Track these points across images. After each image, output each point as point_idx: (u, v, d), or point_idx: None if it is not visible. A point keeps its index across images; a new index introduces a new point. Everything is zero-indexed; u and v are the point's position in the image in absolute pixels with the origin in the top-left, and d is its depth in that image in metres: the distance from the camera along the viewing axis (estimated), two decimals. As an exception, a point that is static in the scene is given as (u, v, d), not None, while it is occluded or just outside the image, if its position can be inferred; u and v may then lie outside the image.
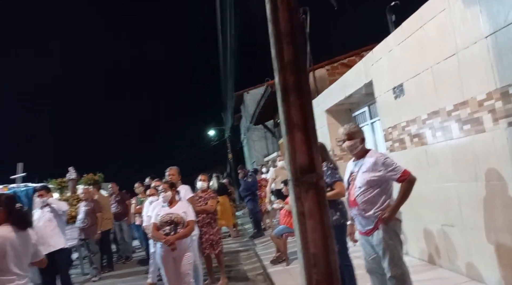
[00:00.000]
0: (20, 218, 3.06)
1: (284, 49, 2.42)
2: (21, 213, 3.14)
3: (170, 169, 5.79)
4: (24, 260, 3.02)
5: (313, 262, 2.30)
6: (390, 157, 3.32)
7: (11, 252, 2.89)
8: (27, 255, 3.06)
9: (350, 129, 3.35)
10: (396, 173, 3.14)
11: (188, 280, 4.35)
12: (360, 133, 3.36)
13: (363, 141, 3.35)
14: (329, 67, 9.27)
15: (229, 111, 23.17)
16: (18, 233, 2.97)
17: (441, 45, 3.90)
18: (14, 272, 2.89)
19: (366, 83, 5.67)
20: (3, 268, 2.86)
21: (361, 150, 3.35)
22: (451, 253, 4.25)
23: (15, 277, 2.90)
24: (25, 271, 3.02)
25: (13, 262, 2.89)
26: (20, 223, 3.04)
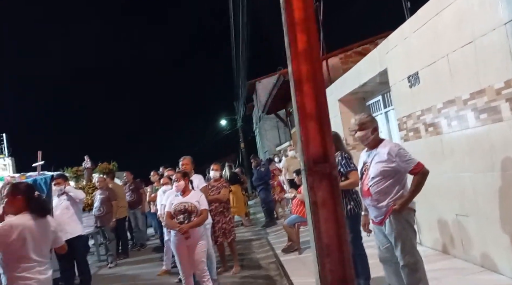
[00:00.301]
0: (38, 206, 3.11)
1: (298, 37, 2.40)
2: (40, 201, 3.19)
3: (184, 158, 5.84)
4: (44, 247, 3.08)
5: (326, 251, 2.32)
6: (403, 147, 3.27)
7: (30, 240, 2.94)
8: (47, 242, 3.12)
9: (361, 120, 3.32)
10: (410, 165, 3.12)
11: (202, 267, 4.42)
12: (371, 123, 3.31)
13: (375, 131, 3.31)
14: (343, 55, 9.16)
15: (241, 100, 23.17)
16: (37, 220, 3.03)
17: (457, 32, 3.82)
18: (34, 259, 2.96)
19: (381, 72, 5.60)
20: (24, 255, 2.92)
21: (373, 140, 3.31)
22: (466, 243, 4.22)
23: (35, 263, 2.96)
24: (45, 258, 3.08)
25: (32, 249, 2.95)
26: (39, 211, 3.09)
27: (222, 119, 31.15)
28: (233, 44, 16.74)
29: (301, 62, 2.39)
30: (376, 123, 3.36)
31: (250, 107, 25.69)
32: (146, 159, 33.95)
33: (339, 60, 9.14)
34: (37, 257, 2.97)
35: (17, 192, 3.07)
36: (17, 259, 2.91)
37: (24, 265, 2.91)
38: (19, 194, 3.06)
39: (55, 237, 3.22)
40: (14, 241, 2.87)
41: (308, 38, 2.40)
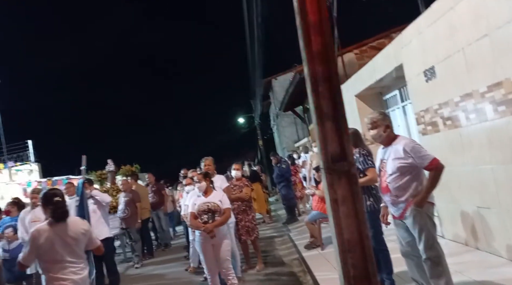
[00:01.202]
0: (55, 212, 3.25)
1: (312, 40, 2.47)
2: (56, 207, 3.28)
3: (206, 159, 5.97)
4: (76, 248, 3.24)
5: (347, 247, 2.40)
6: (418, 143, 3.30)
7: (59, 243, 3.15)
8: (78, 244, 3.27)
9: (372, 119, 3.36)
10: (424, 161, 3.14)
11: (227, 265, 4.54)
12: (383, 121, 3.33)
13: (387, 128, 3.33)
14: (358, 50, 9.14)
15: (258, 98, 23.25)
16: (58, 224, 3.21)
17: (473, 26, 3.82)
18: (66, 260, 3.16)
19: (397, 67, 5.61)
20: (55, 257, 3.14)
21: (387, 138, 3.35)
22: (488, 235, 4.22)
23: (68, 264, 3.16)
24: (79, 258, 3.25)
25: (62, 251, 3.15)
26: (56, 216, 3.24)
27: (240, 117, 31.34)
28: (248, 42, 16.84)
29: (316, 64, 2.46)
30: (388, 120, 3.38)
31: (267, 104, 25.76)
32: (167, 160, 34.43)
33: (355, 55, 9.12)
34: (69, 258, 3.16)
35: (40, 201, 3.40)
36: (50, 261, 3.14)
37: (58, 266, 3.12)
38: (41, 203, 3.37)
39: (88, 239, 3.38)
40: (42, 244, 3.10)
41: (323, 40, 2.47)
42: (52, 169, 16.45)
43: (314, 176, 8.43)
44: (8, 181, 12.65)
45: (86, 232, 3.36)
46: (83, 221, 3.54)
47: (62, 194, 3.46)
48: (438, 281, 3.14)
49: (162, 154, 44.47)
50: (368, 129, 3.43)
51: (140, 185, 9.75)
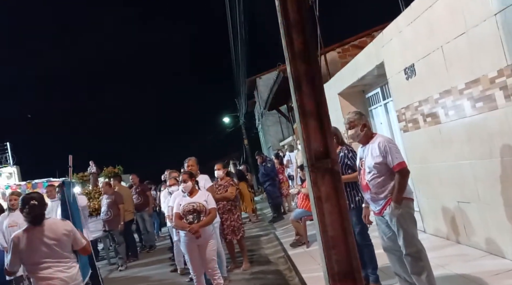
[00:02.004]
0: (28, 216, 3.27)
1: (294, 39, 2.51)
2: (29, 211, 3.27)
3: (189, 159, 5.93)
4: (59, 249, 3.26)
5: (332, 243, 2.43)
6: (394, 143, 3.32)
7: (40, 246, 3.18)
8: (61, 245, 3.28)
9: (349, 118, 3.43)
10: (393, 161, 3.19)
11: (213, 265, 4.53)
12: (359, 120, 3.38)
13: (364, 127, 3.38)
14: (340, 49, 9.22)
15: (242, 98, 23.25)
16: (36, 228, 3.24)
17: (450, 24, 3.90)
18: (50, 261, 3.20)
19: (378, 65, 5.68)
20: (38, 260, 3.18)
21: (365, 136, 3.40)
22: (469, 229, 4.32)
23: (54, 264, 3.21)
24: (63, 258, 3.28)
25: (45, 253, 3.19)
26: (30, 220, 3.27)
27: (225, 117, 31.26)
28: (231, 41, 16.81)
29: (298, 63, 2.49)
30: (364, 119, 3.42)
31: (252, 103, 25.77)
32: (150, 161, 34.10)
33: (337, 54, 9.20)
34: (52, 259, 3.21)
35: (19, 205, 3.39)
36: (33, 263, 3.19)
37: (42, 266, 3.18)
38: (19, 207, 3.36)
39: (73, 239, 3.38)
40: (23, 249, 3.17)
41: (304, 39, 2.50)
42: (32, 172, 16.14)
43: (299, 174, 8.49)
44: (-14, 184, 12.34)
45: (69, 233, 3.35)
46: (65, 221, 3.51)
47: (40, 197, 3.42)
48: (419, 276, 3.19)
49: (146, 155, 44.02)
50: (346, 129, 3.48)
51: (123, 187, 9.63)
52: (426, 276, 3.19)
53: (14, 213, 5.64)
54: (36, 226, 3.25)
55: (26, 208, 3.25)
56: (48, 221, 3.33)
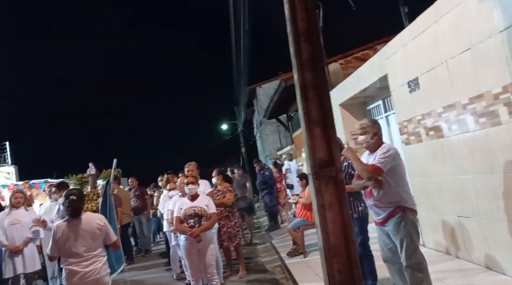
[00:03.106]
0: (67, 209, 3.64)
1: (302, 47, 2.53)
2: (68, 205, 3.63)
3: (189, 164, 5.94)
4: (91, 241, 3.58)
5: (334, 252, 2.43)
6: (392, 151, 3.31)
7: (72, 237, 3.51)
8: (94, 238, 3.61)
9: (362, 124, 3.47)
10: (376, 161, 3.23)
11: (212, 270, 4.51)
12: (371, 128, 3.43)
13: (375, 136, 3.42)
14: (343, 61, 9.29)
15: (242, 105, 23.29)
16: (72, 221, 3.58)
17: (455, 39, 3.94)
18: (79, 253, 3.51)
19: (381, 77, 5.72)
20: (70, 250, 3.50)
21: (374, 144, 3.43)
22: (468, 244, 4.32)
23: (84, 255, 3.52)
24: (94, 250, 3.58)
25: (77, 244, 3.51)
26: (69, 213, 3.63)
27: (223, 124, 31.31)
28: (233, 49, 16.90)
29: (306, 71, 2.51)
30: (377, 128, 3.46)
31: (251, 112, 25.82)
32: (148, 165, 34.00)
33: (340, 65, 9.27)
34: (84, 250, 3.53)
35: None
36: (67, 252, 3.53)
37: (74, 256, 3.50)
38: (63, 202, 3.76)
39: (105, 234, 3.70)
40: (60, 238, 3.51)
41: (313, 48, 2.52)
42: (30, 172, 16.06)
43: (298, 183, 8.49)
44: (-16, 183, 12.27)
45: (102, 227, 3.67)
46: (99, 216, 3.83)
47: (80, 193, 3.79)
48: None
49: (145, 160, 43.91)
50: (357, 134, 3.50)
51: (122, 190, 9.60)
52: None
53: (17, 211, 5.63)
54: (74, 219, 3.59)
55: (66, 202, 3.61)
56: (85, 215, 3.68)
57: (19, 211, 5.65)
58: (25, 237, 5.53)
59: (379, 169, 3.21)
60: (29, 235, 5.57)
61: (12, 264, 5.40)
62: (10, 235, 5.45)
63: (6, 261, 5.42)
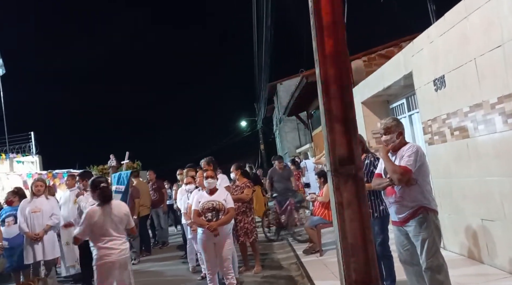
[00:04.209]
0: (100, 196, 3.94)
1: (326, 41, 2.46)
2: (101, 191, 3.97)
3: (206, 159, 5.93)
4: (120, 225, 3.96)
5: (351, 251, 2.37)
6: (419, 151, 3.21)
7: (107, 220, 3.85)
8: (122, 222, 3.98)
9: (386, 124, 3.37)
10: (401, 161, 3.17)
11: (228, 264, 4.51)
12: (397, 127, 3.34)
13: (400, 135, 3.34)
14: (366, 58, 9.10)
15: (262, 102, 23.26)
16: (104, 206, 3.91)
17: (486, 36, 3.80)
18: (113, 234, 3.87)
19: (406, 75, 5.58)
20: (104, 232, 3.84)
21: (399, 144, 3.35)
22: (491, 248, 4.18)
23: (114, 237, 3.87)
24: (122, 233, 3.99)
25: (110, 227, 3.86)
26: (101, 199, 3.94)
27: (243, 120, 31.37)
28: (255, 45, 16.87)
29: (328, 66, 2.45)
30: (401, 127, 3.38)
31: (271, 109, 25.76)
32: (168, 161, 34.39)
33: (363, 62, 9.09)
34: (114, 233, 3.88)
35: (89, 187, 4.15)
36: (100, 235, 3.84)
37: (106, 239, 3.84)
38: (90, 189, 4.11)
39: (128, 219, 4.06)
40: (95, 222, 3.82)
41: (336, 42, 2.45)
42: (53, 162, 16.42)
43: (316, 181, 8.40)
44: (9, 172, 12.61)
45: (127, 214, 4.08)
46: (125, 205, 4.26)
47: (106, 181, 4.21)
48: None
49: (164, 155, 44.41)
50: (380, 134, 3.42)
51: (141, 182, 9.71)
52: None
53: (38, 199, 5.75)
54: (106, 205, 3.91)
55: (98, 189, 3.94)
56: (114, 202, 4.03)
57: (40, 199, 5.77)
58: (45, 225, 5.65)
59: (409, 170, 3.13)
60: (49, 223, 5.69)
61: (32, 251, 5.54)
62: (30, 223, 5.58)
63: (27, 248, 5.56)
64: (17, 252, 5.80)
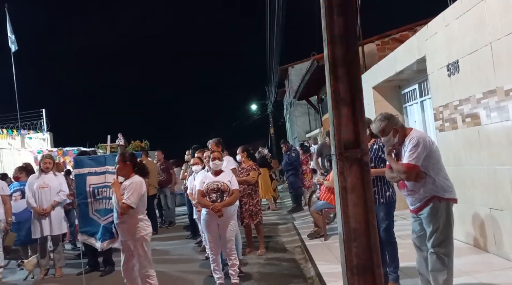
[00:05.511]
0: (142, 170, 4.07)
1: (335, 20, 2.37)
2: (142, 165, 4.14)
3: (213, 140, 5.90)
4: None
5: (353, 236, 2.33)
6: (420, 141, 3.11)
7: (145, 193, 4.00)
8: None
9: (378, 128, 3.29)
10: (406, 159, 3.11)
11: (231, 245, 4.52)
12: (389, 126, 3.24)
13: (396, 133, 3.24)
14: (380, 42, 8.92)
15: (273, 85, 23.08)
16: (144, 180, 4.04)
17: (503, 19, 3.65)
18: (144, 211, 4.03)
19: (419, 59, 5.44)
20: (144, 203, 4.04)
21: (400, 138, 3.26)
22: (499, 237, 4.11)
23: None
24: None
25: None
26: (143, 173, 4.04)
27: (253, 103, 31.23)
28: (267, 27, 16.64)
29: (337, 46, 2.36)
30: (394, 122, 3.26)
31: (282, 92, 25.57)
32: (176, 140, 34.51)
33: (376, 46, 8.91)
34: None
35: (127, 159, 4.03)
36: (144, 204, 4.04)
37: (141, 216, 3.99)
38: (128, 161, 4.01)
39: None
40: (144, 193, 3.96)
41: (345, 22, 2.37)
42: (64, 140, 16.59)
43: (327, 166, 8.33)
44: (20, 148, 12.80)
45: None
46: None
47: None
48: (438, 275, 3.09)
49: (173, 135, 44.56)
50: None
51: (150, 162, 9.74)
52: (445, 280, 3.07)
53: (46, 176, 5.81)
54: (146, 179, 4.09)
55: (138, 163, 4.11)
56: None
57: (48, 175, 5.83)
58: (53, 200, 5.72)
59: (414, 166, 3.07)
60: (56, 199, 5.75)
61: (40, 225, 5.62)
62: (38, 198, 5.65)
63: (34, 223, 5.64)
64: (24, 226, 5.91)
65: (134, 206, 3.83)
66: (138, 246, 3.91)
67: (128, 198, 3.80)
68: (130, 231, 3.91)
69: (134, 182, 3.88)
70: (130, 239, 3.93)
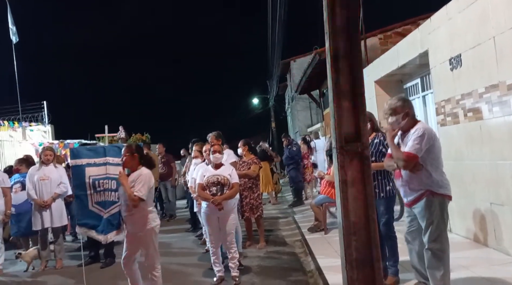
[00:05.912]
0: (149, 161, 4.01)
1: (337, 12, 2.35)
2: (149, 157, 4.08)
3: (212, 134, 5.88)
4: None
5: (353, 230, 2.32)
6: (427, 133, 3.07)
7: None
8: None
9: (391, 105, 3.25)
10: (409, 148, 3.07)
11: (231, 239, 4.52)
12: (402, 108, 3.19)
13: (406, 116, 3.18)
14: (382, 35, 8.86)
15: (274, 79, 23.00)
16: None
17: (507, 13, 3.61)
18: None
19: (421, 53, 5.40)
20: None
21: (406, 124, 3.21)
22: (499, 232, 4.11)
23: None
24: None
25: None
26: (149, 165, 3.99)
27: (255, 97, 31.14)
28: (269, 21, 16.55)
29: (338, 39, 2.34)
30: (407, 107, 3.21)
31: (283, 86, 25.49)
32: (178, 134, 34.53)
33: (378, 40, 8.85)
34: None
35: (134, 151, 3.97)
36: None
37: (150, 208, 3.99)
38: (135, 153, 3.96)
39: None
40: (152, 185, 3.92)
41: (348, 14, 2.34)
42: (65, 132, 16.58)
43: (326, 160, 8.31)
44: (21, 140, 12.80)
45: None
46: None
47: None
48: (434, 272, 3.08)
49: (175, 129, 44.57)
50: (386, 114, 3.30)
51: (153, 154, 9.74)
52: (442, 275, 3.06)
53: (47, 168, 5.82)
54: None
55: (145, 156, 4.04)
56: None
57: (49, 167, 5.83)
58: (54, 192, 5.73)
59: (414, 156, 3.04)
60: (57, 191, 5.76)
61: (41, 217, 5.63)
62: (39, 190, 5.66)
63: (35, 215, 5.66)
64: (24, 218, 5.93)
65: (145, 198, 3.83)
66: (147, 238, 3.90)
67: (139, 190, 3.78)
68: (139, 223, 3.88)
69: (143, 174, 3.87)
70: (139, 231, 3.88)
